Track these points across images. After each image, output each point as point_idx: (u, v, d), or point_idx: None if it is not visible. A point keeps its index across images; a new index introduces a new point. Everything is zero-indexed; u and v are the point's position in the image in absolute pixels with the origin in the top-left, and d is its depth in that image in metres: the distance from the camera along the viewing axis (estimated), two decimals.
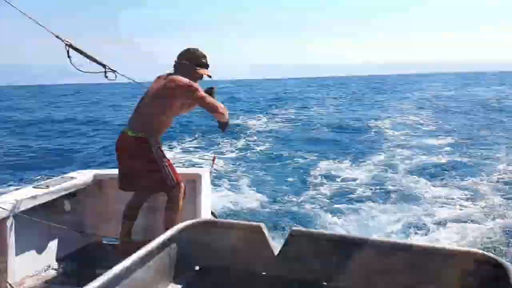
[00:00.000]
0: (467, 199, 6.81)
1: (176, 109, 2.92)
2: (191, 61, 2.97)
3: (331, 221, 6.03)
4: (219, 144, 12.37)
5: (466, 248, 1.45)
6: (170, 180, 2.88)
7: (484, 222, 5.79)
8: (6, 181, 8.37)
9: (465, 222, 5.78)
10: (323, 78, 77.77)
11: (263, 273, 1.68)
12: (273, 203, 6.90)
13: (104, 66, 3.05)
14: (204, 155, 10.87)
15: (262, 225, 1.68)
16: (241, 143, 12.61)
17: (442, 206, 6.51)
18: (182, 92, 2.85)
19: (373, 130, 14.93)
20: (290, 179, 8.56)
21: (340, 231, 5.51)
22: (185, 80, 2.85)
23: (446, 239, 5.28)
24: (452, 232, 5.47)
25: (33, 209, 2.69)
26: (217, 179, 7.76)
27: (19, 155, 11.71)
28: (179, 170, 3.20)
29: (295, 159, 10.32)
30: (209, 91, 3.07)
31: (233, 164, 9.73)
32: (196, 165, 9.55)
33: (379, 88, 43.12)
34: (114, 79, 3.09)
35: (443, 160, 9.69)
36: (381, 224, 5.84)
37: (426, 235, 5.47)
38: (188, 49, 3.03)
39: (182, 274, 1.70)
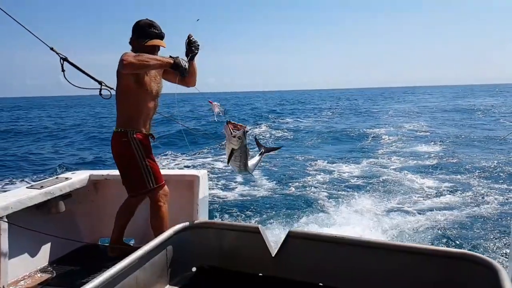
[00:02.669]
0: (448, 192, 7.55)
1: (132, 87, 2.60)
2: (138, 35, 2.66)
3: (327, 204, 6.89)
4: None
5: (459, 250, 1.49)
6: (149, 182, 2.63)
7: (461, 211, 6.45)
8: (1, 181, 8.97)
9: (443, 210, 6.45)
10: None
11: (260, 274, 1.69)
12: (278, 191, 7.90)
13: (100, 83, 2.91)
14: (220, 158, 11.55)
15: (260, 226, 1.69)
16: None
17: (425, 197, 7.25)
18: (120, 66, 2.49)
19: (372, 136, 16.05)
20: (294, 168, 9.72)
21: (337, 220, 6.12)
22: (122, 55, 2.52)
23: (425, 221, 5.95)
24: (431, 219, 6.08)
25: (27, 210, 2.59)
26: (230, 175, 8.87)
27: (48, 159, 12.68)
28: (176, 172, 3.09)
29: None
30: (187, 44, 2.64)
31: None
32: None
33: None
34: (109, 98, 2.87)
35: (431, 160, 10.66)
36: (369, 209, 6.55)
37: (407, 219, 6.12)
38: (134, 23, 2.71)
39: (179, 275, 1.71)
